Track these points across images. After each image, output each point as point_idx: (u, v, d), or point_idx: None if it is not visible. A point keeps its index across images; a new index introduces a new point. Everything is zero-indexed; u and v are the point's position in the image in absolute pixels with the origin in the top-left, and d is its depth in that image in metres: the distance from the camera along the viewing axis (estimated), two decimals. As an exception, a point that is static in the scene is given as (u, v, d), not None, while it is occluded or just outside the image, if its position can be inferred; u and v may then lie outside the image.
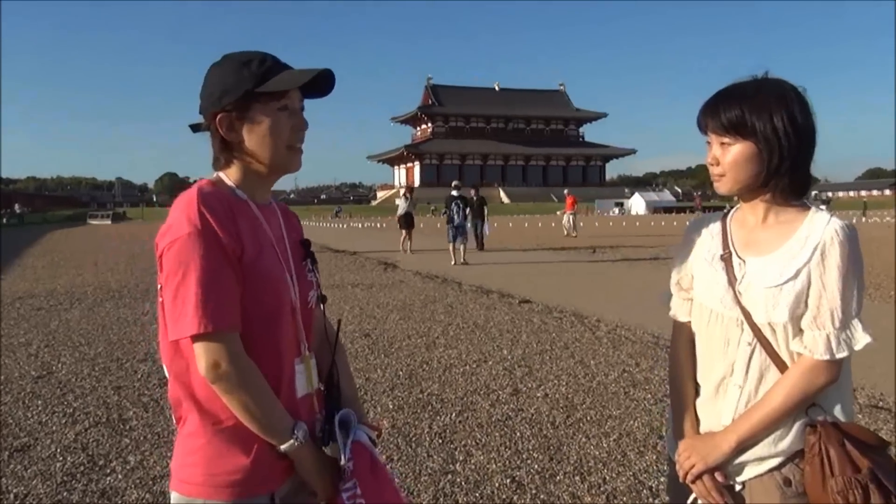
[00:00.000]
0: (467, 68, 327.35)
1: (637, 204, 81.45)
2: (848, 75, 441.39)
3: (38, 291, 12.67)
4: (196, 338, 1.55)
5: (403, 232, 20.96)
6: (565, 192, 30.56)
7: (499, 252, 20.85)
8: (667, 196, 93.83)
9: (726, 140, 1.80)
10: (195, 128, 1.76)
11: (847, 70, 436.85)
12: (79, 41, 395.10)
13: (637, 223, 46.75)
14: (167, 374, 1.70)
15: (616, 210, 79.23)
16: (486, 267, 16.31)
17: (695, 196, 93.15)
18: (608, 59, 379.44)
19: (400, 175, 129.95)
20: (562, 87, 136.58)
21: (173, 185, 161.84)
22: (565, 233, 29.54)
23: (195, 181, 1.78)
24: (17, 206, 65.86)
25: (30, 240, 31.96)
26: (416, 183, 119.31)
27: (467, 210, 17.48)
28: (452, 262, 16.83)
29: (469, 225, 18.16)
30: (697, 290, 1.94)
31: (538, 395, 5.76)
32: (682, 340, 1.99)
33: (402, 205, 21.26)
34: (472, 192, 21.44)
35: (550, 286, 12.56)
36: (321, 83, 1.73)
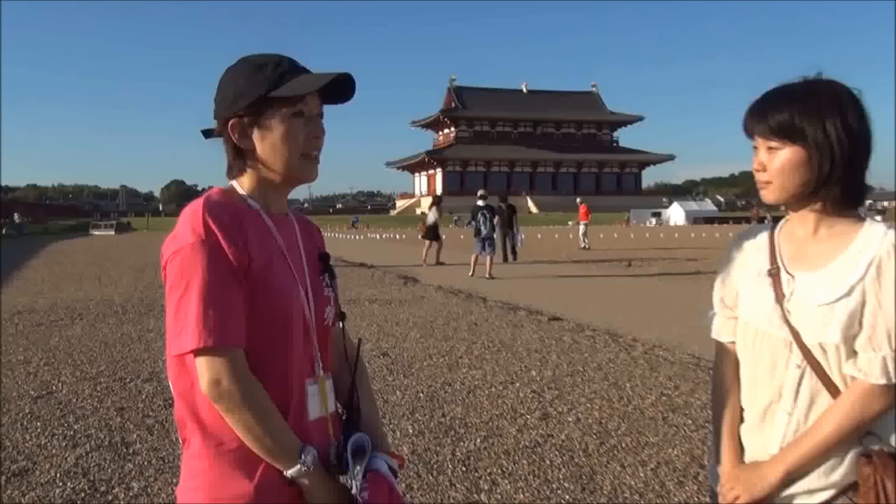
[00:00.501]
0: (493, 69, 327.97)
1: (676, 214, 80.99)
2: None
3: (37, 306, 12.82)
4: (197, 353, 1.56)
5: (428, 243, 21.05)
6: (577, 200, 30.26)
7: (527, 265, 20.80)
8: (708, 205, 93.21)
9: (774, 144, 1.78)
10: (207, 133, 1.79)
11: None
12: (81, 41, 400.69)
13: (676, 234, 46.48)
14: (173, 393, 1.70)
15: (653, 220, 78.77)
16: (513, 281, 16.29)
17: (750, 205, 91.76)
18: (644, 58, 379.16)
19: (421, 183, 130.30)
20: (594, 89, 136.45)
21: (181, 193, 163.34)
22: (582, 245, 29.19)
23: (204, 190, 1.80)
24: (16, 216, 66.75)
25: (30, 251, 32.33)
26: (438, 191, 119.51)
27: (495, 220, 17.49)
28: (470, 274, 16.97)
29: (496, 236, 18.16)
30: (742, 308, 1.92)
31: (569, 419, 5.73)
32: (725, 362, 1.97)
33: (431, 215, 21.37)
34: (501, 199, 21.84)
35: (582, 302, 12.50)
36: (341, 88, 1.75)
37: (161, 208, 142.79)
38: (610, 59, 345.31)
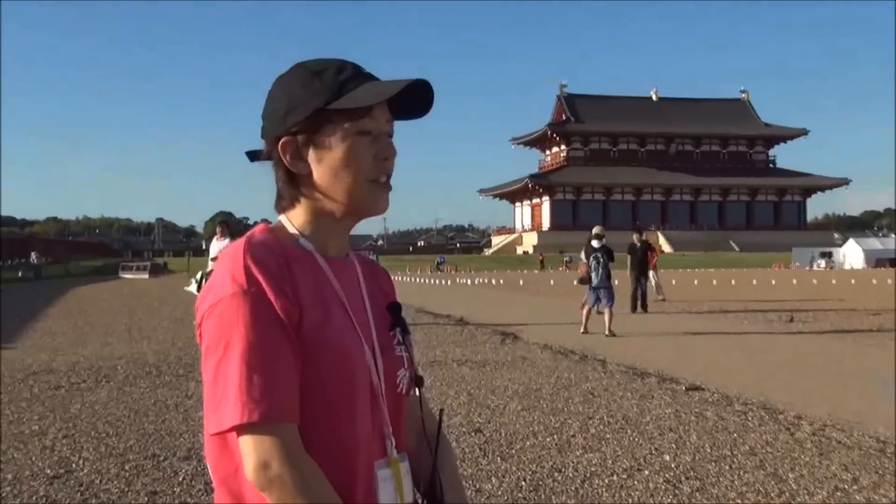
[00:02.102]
0: (613, 71, 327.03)
1: (852, 254, 79.21)
2: None
3: (56, 365, 13.24)
4: (240, 430, 1.55)
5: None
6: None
7: (658, 318, 20.64)
8: (895, 243, 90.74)
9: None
10: (253, 155, 1.81)
11: None
12: (117, 45, 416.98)
13: (852, 280, 45.30)
14: (212, 478, 1.71)
15: (822, 262, 77.16)
16: (641, 339, 16.15)
17: None
18: (807, 54, 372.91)
19: (523, 214, 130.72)
20: (744, 96, 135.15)
21: (228, 228, 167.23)
22: (658, 296, 26.91)
23: (255, 223, 1.82)
24: (33, 256, 69.20)
25: (49, 298, 33.52)
26: (546, 225, 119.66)
27: (610, 266, 17.40)
28: (582, 330, 17.08)
29: (612, 284, 18.09)
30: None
31: (713, 518, 5.60)
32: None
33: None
34: (635, 236, 23.04)
35: (730, 367, 12.30)
36: (416, 99, 1.75)
37: (204, 246, 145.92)
38: (764, 57, 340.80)
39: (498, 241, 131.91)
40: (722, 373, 11.64)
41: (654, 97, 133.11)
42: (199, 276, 19.34)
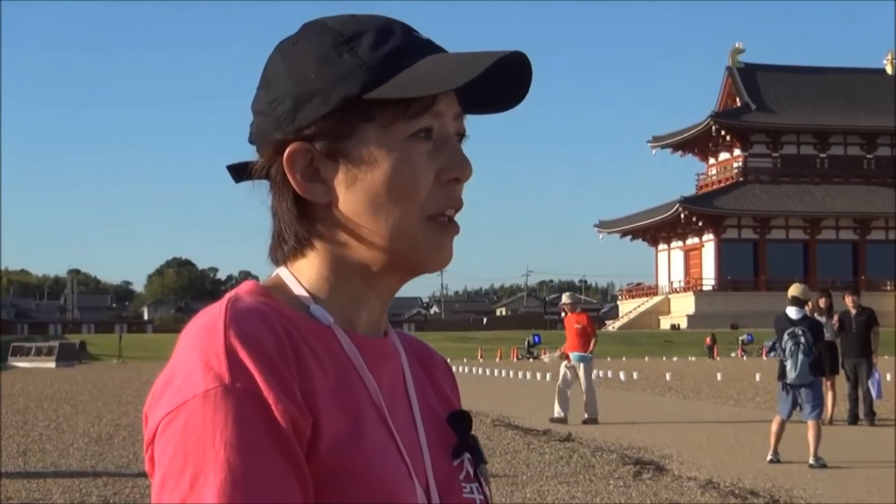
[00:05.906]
0: (817, 30, 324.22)
1: None
2: None
3: None
4: None
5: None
6: (563, 297, 28.33)
7: (890, 431, 20.37)
8: None
9: None
10: (240, 172, 1.78)
11: None
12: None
13: None
14: None
15: None
16: (867, 472, 16.06)
17: None
18: None
19: (671, 264, 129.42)
20: None
21: (187, 286, 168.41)
22: (556, 413, 25.44)
23: (232, 281, 1.81)
24: None
25: None
26: (710, 281, 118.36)
27: (815, 348, 17.27)
28: (769, 456, 17.05)
29: (822, 381, 17.97)
30: None
31: None
32: None
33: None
34: (850, 299, 22.99)
35: None
36: (499, 82, 1.68)
37: (146, 314, 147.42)
38: None
39: (629, 307, 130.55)
40: None
41: (888, 69, 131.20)
42: None
